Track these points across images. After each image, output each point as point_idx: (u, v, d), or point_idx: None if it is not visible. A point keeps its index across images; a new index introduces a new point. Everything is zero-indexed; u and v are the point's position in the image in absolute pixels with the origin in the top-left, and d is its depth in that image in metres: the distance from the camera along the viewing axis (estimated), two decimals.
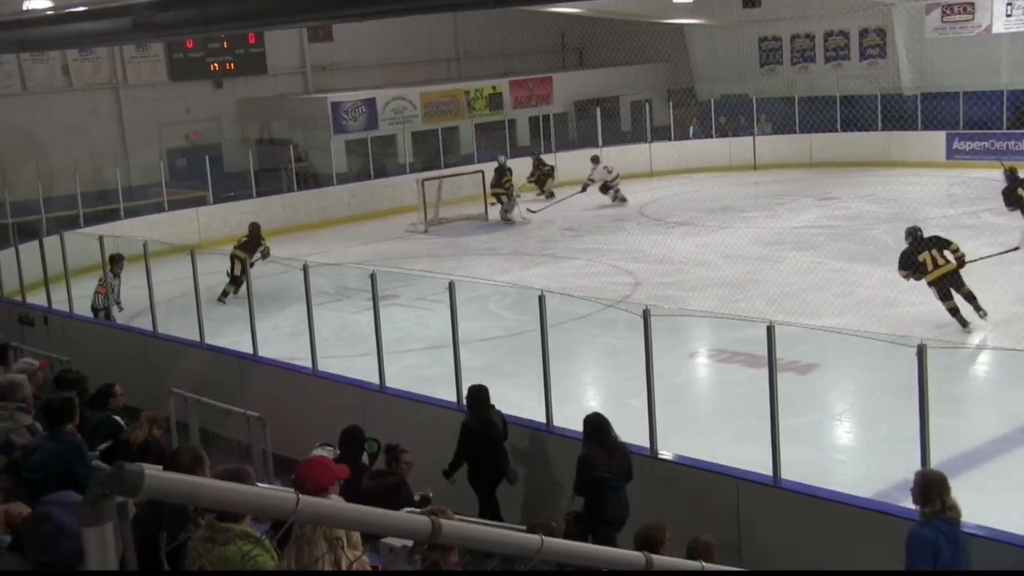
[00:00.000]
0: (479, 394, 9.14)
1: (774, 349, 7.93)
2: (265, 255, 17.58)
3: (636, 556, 3.11)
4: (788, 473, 8.01)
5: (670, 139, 30.30)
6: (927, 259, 13.52)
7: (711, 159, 29.36)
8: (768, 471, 8.01)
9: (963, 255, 13.62)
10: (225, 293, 17.33)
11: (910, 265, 13.68)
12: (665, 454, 8.76)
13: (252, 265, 16.58)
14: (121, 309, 16.16)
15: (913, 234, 13.92)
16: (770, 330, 7.94)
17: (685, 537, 6.01)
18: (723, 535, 6.93)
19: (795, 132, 29.30)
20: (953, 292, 13.45)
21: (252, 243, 18.02)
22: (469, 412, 9.20)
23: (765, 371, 8.09)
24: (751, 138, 29.73)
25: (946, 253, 13.62)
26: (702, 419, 11.03)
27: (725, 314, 13.54)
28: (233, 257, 17.43)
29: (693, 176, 28.49)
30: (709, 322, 13.93)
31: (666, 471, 8.71)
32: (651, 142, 30.13)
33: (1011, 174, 18.23)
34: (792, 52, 32.53)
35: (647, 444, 8.75)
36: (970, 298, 13.44)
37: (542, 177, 27.55)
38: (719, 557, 5.77)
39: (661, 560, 3.19)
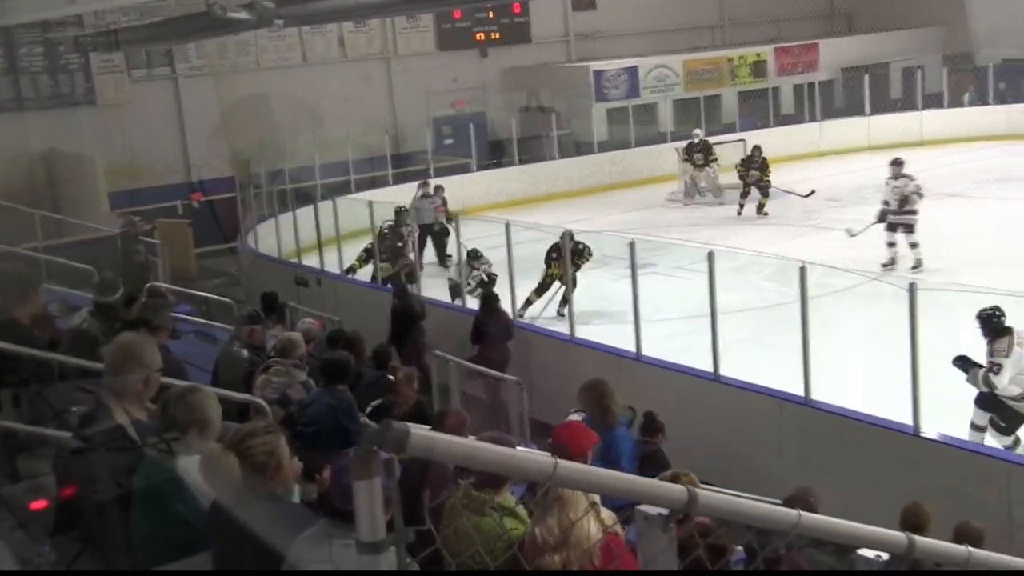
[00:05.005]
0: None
1: None
2: None
3: (898, 536, 3.03)
4: None
5: (943, 107, 28.88)
6: None
7: (987, 128, 27.81)
8: None
9: None
10: None
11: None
12: (929, 433, 8.45)
13: None
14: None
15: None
16: None
17: (948, 521, 5.78)
18: (991, 522, 6.61)
19: None
20: None
21: None
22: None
23: None
24: None
25: None
26: (970, 400, 10.53)
27: (999, 290, 12.85)
28: None
29: (967, 145, 27.08)
30: (983, 299, 13.23)
31: (930, 451, 8.41)
32: (922, 110, 28.80)
33: None
34: None
35: (910, 422, 8.48)
36: None
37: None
38: (987, 546, 5.52)
39: (924, 542, 3.09)
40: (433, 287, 15.63)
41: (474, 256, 15.12)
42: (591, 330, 13.36)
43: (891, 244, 16.19)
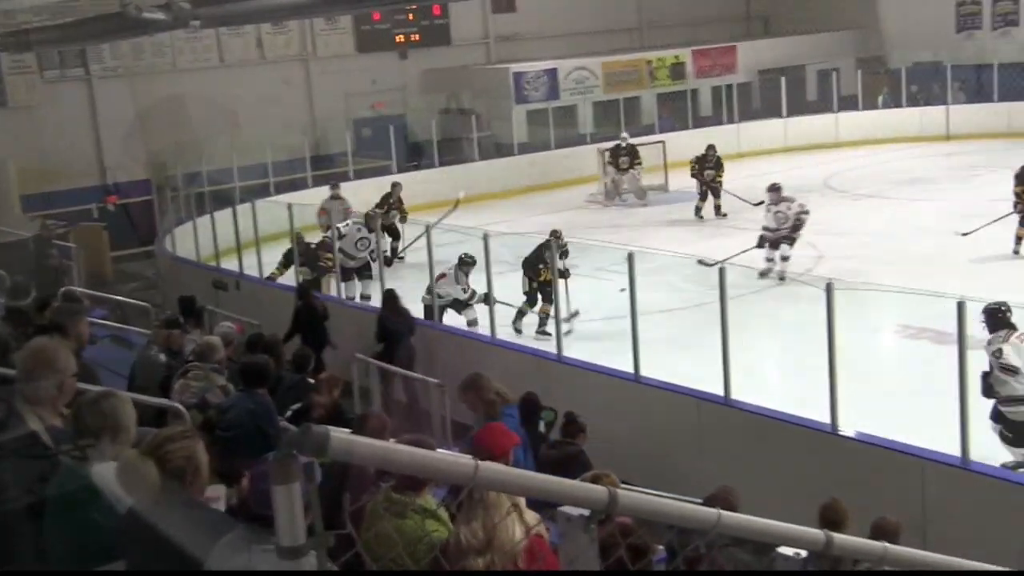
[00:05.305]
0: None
1: (964, 326, 7.68)
2: None
3: (816, 534, 3.06)
4: (978, 455, 7.76)
5: (858, 109, 29.41)
6: None
7: (901, 129, 28.40)
8: (957, 452, 7.78)
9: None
10: None
11: None
12: (846, 431, 8.59)
13: None
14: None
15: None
16: (960, 306, 7.69)
17: (867, 517, 5.88)
18: (907, 517, 6.74)
19: (993, 100, 28.07)
20: None
21: None
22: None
23: (954, 348, 7.84)
24: (944, 107, 28.60)
25: None
26: (886, 396, 10.72)
27: (912, 289, 13.13)
28: None
29: (882, 147, 27.63)
30: (896, 297, 13.53)
31: (847, 448, 8.54)
32: (838, 112, 29.30)
33: None
34: (993, 16, 31.05)
35: (828, 420, 8.60)
36: None
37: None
38: (902, 539, 5.62)
39: (842, 539, 3.13)
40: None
41: (468, 262, 13.77)
42: (512, 331, 13.40)
43: (770, 260, 16.15)
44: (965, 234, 15.96)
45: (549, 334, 13.38)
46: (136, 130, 24.24)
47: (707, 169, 21.13)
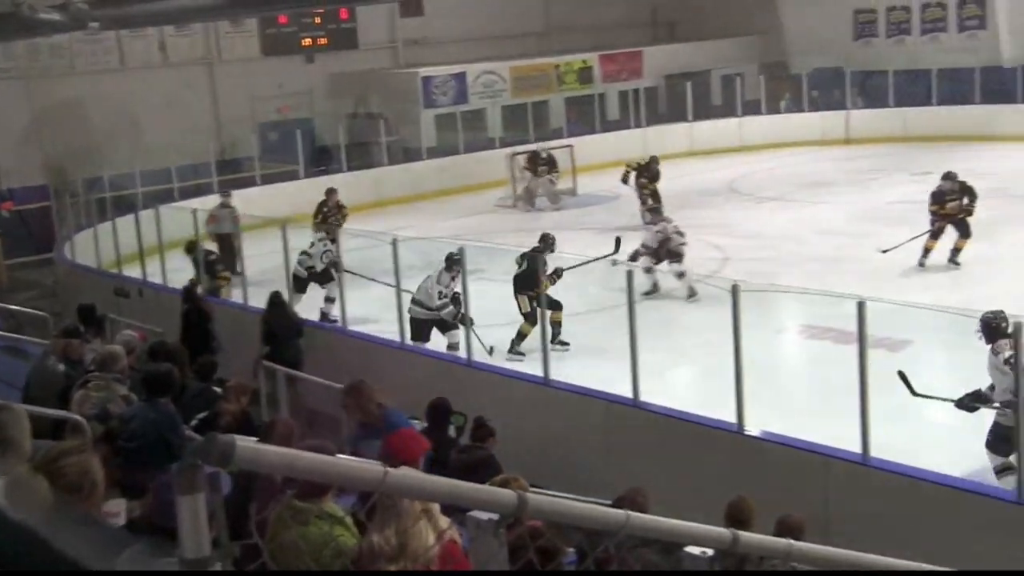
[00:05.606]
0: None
1: (865, 325, 7.83)
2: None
3: (722, 532, 3.09)
4: (878, 451, 7.91)
5: (761, 113, 29.91)
6: None
7: (803, 133, 28.95)
8: (858, 448, 7.93)
9: None
10: None
11: None
12: (752, 430, 8.70)
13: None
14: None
15: None
16: (861, 306, 7.84)
17: (771, 514, 5.95)
18: (811, 513, 6.85)
19: (889, 106, 28.75)
20: None
21: None
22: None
23: (855, 348, 7.98)
24: (844, 112, 29.22)
25: None
26: (790, 396, 10.90)
27: (815, 290, 13.37)
28: None
29: (784, 150, 28.13)
30: (799, 298, 13.76)
31: (752, 447, 8.66)
32: (742, 116, 29.77)
33: None
34: (888, 24, 31.80)
35: (734, 420, 8.71)
36: None
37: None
38: (807, 535, 5.71)
39: (748, 537, 3.16)
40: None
41: (456, 260, 12.41)
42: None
43: (648, 270, 15.79)
44: (885, 251, 16.14)
45: (567, 343, 13.00)
46: (32, 134, 23.69)
47: (641, 178, 21.17)
